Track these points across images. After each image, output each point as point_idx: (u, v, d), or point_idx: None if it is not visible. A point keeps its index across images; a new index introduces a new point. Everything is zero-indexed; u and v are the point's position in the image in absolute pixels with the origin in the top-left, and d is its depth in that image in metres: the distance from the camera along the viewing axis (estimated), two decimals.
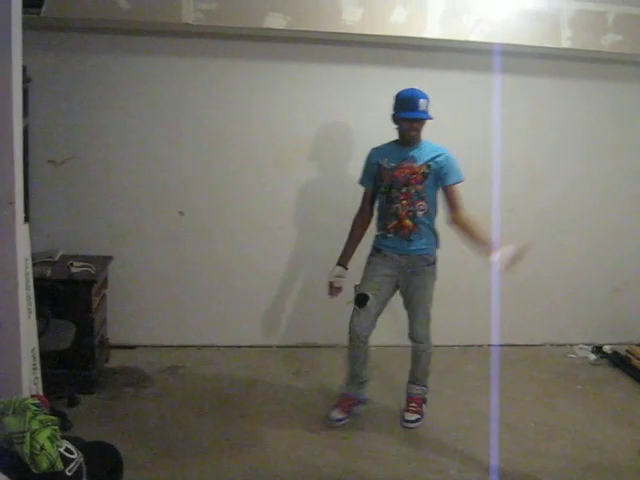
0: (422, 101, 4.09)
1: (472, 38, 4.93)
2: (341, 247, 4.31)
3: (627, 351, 5.48)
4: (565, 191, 5.74)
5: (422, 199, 4.12)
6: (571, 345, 5.87)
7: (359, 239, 4.35)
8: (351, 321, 4.23)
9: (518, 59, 5.30)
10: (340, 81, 5.28)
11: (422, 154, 4.15)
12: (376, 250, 4.24)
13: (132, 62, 5.05)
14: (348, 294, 4.34)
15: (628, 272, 5.95)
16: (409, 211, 4.11)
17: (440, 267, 4.34)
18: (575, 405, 4.74)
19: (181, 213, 5.28)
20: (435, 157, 4.14)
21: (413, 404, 4.34)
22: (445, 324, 4.21)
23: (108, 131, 5.11)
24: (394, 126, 4.20)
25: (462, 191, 4.27)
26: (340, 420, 4.24)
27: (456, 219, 4.18)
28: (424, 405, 4.39)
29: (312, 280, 5.51)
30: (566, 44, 5.01)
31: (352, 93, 5.31)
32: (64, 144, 5.06)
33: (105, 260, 4.96)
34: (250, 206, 5.36)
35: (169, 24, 4.76)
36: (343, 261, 4.32)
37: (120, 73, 5.04)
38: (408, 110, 4.08)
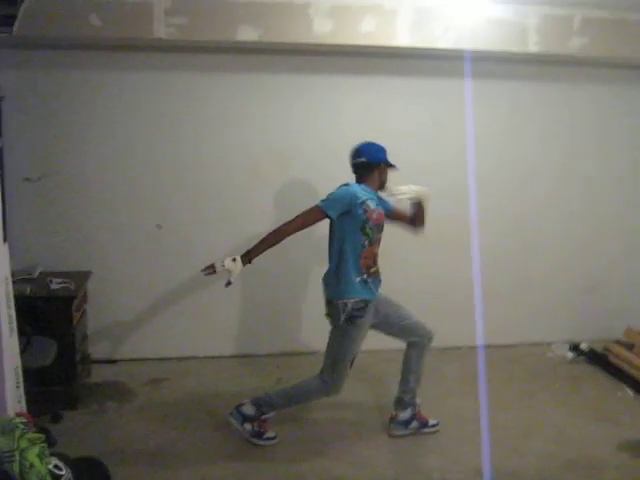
0: None
1: (441, 45, 4.99)
2: (322, 255, 4.18)
3: (604, 348, 5.57)
4: (544, 195, 5.84)
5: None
6: (549, 344, 5.95)
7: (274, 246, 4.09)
8: (340, 380, 4.02)
9: (490, 64, 5.39)
10: (313, 90, 5.34)
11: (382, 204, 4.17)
12: (363, 305, 3.95)
13: (105, 78, 5.06)
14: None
15: (604, 271, 6.06)
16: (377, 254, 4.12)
17: (418, 270, 4.41)
18: (554, 402, 4.82)
19: (158, 226, 5.30)
20: (378, 198, 4.14)
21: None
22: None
23: (83, 146, 5.11)
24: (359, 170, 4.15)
25: (440, 196, 4.30)
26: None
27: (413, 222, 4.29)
28: None
29: (291, 289, 5.56)
30: (534, 49, 5.09)
31: (325, 102, 5.37)
32: (40, 161, 5.06)
33: (84, 275, 4.96)
34: (228, 217, 5.39)
35: (142, 39, 4.78)
36: (253, 254, 4.04)
37: (94, 89, 5.05)
38: (386, 157, 4.15)
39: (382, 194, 4.15)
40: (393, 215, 4.26)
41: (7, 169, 4.77)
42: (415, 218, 4.24)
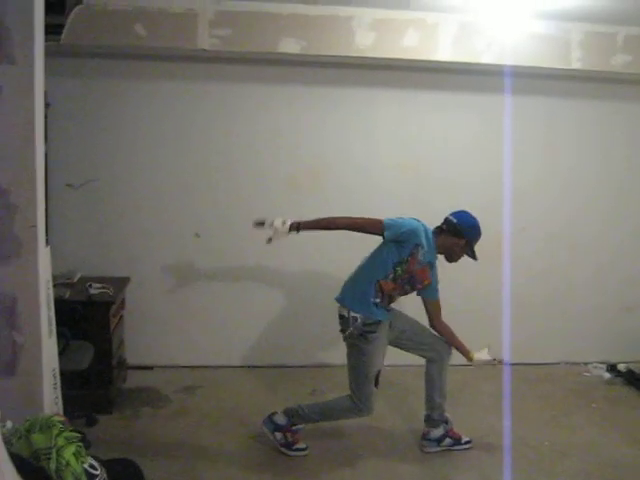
0: None
1: (483, 60, 4.99)
2: (350, 267, 4.19)
3: None
4: (577, 211, 5.78)
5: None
6: (585, 364, 5.87)
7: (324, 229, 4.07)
8: (368, 401, 3.96)
9: (529, 80, 5.36)
10: (349, 103, 5.37)
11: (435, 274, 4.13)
12: (373, 323, 3.95)
13: (148, 87, 5.15)
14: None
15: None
16: (395, 300, 4.09)
17: (452, 286, 4.38)
18: (590, 423, 4.74)
19: (197, 235, 5.35)
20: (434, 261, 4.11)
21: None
22: None
23: (124, 154, 5.20)
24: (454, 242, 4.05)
25: (476, 211, 4.27)
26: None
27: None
28: None
29: (325, 302, 5.55)
30: (576, 65, 5.07)
31: (362, 115, 5.40)
32: (82, 168, 5.16)
33: (123, 281, 5.02)
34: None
35: (185, 50, 4.86)
36: (303, 226, 4.00)
37: (136, 98, 5.15)
38: (477, 241, 4.09)
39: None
40: (424, 299, 4.19)
41: (51, 175, 4.83)
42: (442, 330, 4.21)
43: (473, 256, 4.11)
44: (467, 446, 4.27)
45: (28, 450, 2.52)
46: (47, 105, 4.66)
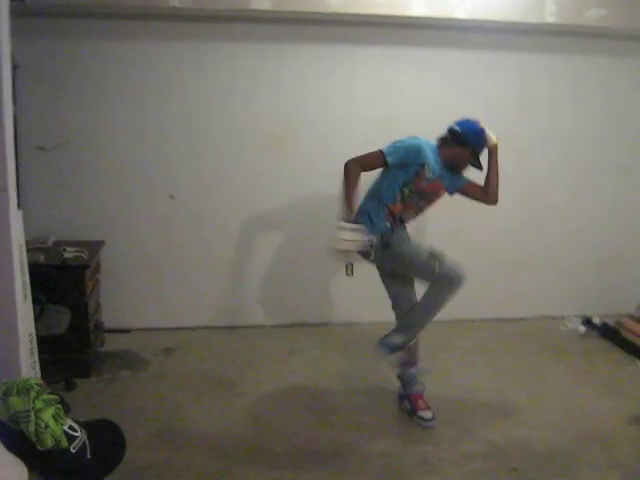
0: None
1: (457, 15, 4.95)
2: (329, 229, 4.03)
3: (616, 322, 5.55)
4: (555, 166, 5.79)
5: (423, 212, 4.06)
6: (561, 317, 5.94)
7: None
8: (450, 267, 3.80)
9: (503, 35, 5.34)
10: (325, 61, 5.31)
11: (447, 177, 4.00)
12: (390, 231, 3.87)
13: (120, 47, 5.05)
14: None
15: (616, 245, 6.03)
16: (408, 220, 4.01)
17: (431, 244, 4.38)
18: (565, 376, 4.81)
19: (171, 196, 5.31)
20: (457, 184, 4.07)
21: (422, 400, 4.17)
22: None
23: (96, 116, 5.12)
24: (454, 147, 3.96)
25: None
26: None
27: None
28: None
29: (302, 260, 5.56)
30: (550, 19, 5.04)
31: (339, 73, 5.34)
32: (53, 130, 5.07)
33: (97, 245, 4.98)
34: (238, 189, 5.40)
35: (156, 7, 4.77)
36: (350, 212, 3.77)
37: (108, 58, 5.05)
38: (482, 150, 3.99)
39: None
40: (465, 190, 4.12)
41: (21, 138, 4.76)
42: (488, 185, 4.07)
43: (478, 165, 4.01)
44: (425, 424, 4.10)
45: (6, 413, 2.51)
46: (15, 67, 4.58)
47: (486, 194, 4.08)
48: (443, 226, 5.25)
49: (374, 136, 4.97)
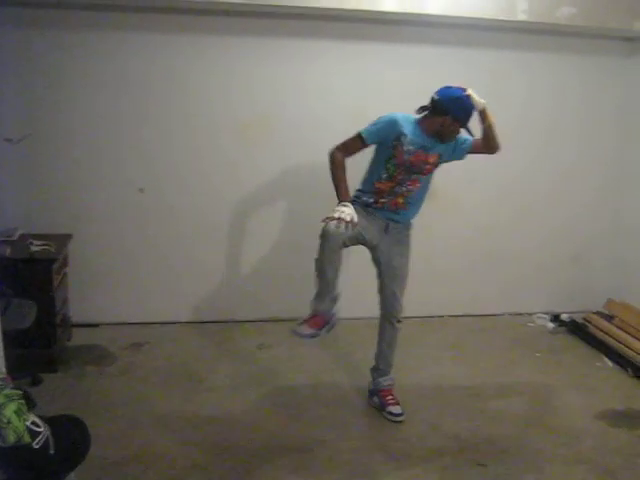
0: None
1: (428, 11, 4.94)
2: (301, 223, 4.02)
3: (584, 319, 5.61)
4: (527, 166, 5.81)
5: (423, 184, 4.00)
6: (530, 314, 5.98)
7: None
8: (328, 226, 3.65)
9: (475, 32, 5.34)
10: (299, 56, 5.28)
11: (439, 147, 3.94)
12: (361, 205, 3.91)
13: (92, 38, 4.96)
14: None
15: (584, 243, 6.06)
16: (407, 194, 3.96)
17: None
18: (534, 372, 4.85)
19: (141, 190, 5.25)
20: (461, 151, 4.03)
21: (391, 396, 4.20)
22: (406, 296, 4.24)
23: (66, 109, 5.04)
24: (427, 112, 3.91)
25: None
26: (312, 336, 3.83)
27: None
28: None
29: (273, 255, 5.54)
30: (522, 17, 5.04)
31: (312, 68, 5.32)
32: (21, 122, 4.98)
33: (65, 238, 4.91)
34: (211, 182, 5.35)
35: None
36: (348, 198, 3.77)
37: (79, 49, 4.96)
38: (467, 119, 3.88)
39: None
40: (472, 151, 4.07)
41: None
42: (486, 140, 4.00)
43: (469, 132, 3.92)
44: (393, 419, 4.09)
45: None
46: None
47: (488, 148, 4.06)
48: (414, 221, 5.26)
49: (349, 129, 4.96)
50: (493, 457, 3.69)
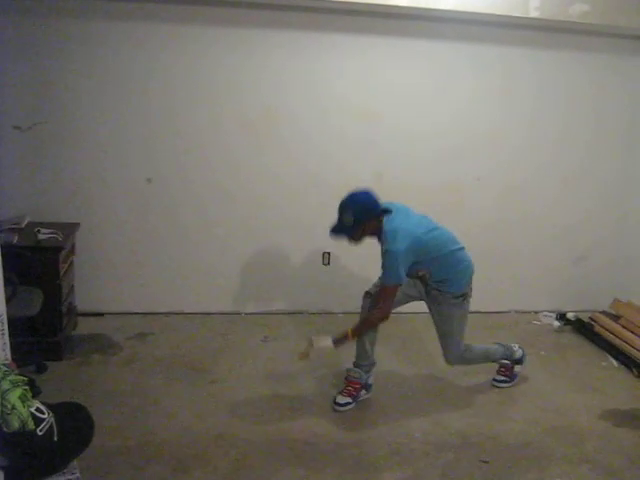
0: None
1: (441, 6, 4.92)
2: (307, 217, 3.93)
3: (590, 318, 5.59)
4: (537, 164, 5.79)
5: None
6: (536, 312, 5.97)
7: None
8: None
9: (488, 28, 5.32)
10: (309, 49, 5.25)
11: None
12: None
13: (102, 27, 4.95)
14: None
15: (591, 242, 6.04)
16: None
17: None
18: (538, 370, 4.83)
19: (149, 180, 5.25)
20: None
21: (352, 387, 4.22)
22: None
23: (75, 97, 5.03)
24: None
25: (431, 161, 4.22)
26: (345, 405, 4.11)
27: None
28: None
29: (278, 249, 5.54)
30: (534, 14, 5.02)
31: (322, 61, 5.29)
32: (30, 110, 4.98)
33: (72, 227, 4.92)
34: (216, 174, 5.35)
35: None
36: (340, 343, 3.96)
37: (89, 38, 4.95)
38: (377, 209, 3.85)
39: None
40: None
41: None
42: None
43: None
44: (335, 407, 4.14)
45: None
46: None
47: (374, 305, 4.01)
48: None
49: (356, 125, 4.98)
50: (496, 454, 3.68)
